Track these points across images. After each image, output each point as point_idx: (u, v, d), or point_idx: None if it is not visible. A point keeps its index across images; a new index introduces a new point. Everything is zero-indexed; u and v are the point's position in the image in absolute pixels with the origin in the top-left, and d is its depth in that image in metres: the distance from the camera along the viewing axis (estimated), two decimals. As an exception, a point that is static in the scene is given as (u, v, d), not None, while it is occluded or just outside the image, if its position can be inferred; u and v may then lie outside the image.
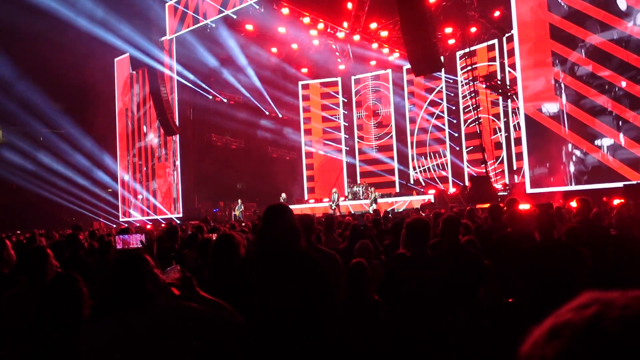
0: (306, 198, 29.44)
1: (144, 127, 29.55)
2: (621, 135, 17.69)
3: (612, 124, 17.90)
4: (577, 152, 18.73)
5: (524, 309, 4.26)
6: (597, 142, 18.23)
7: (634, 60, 17.37)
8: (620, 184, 16.35)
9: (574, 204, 7.45)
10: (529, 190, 19.54)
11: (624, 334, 0.53)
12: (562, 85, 19.11)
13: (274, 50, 26.90)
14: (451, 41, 24.89)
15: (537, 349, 0.59)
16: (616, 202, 11.79)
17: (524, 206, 10.51)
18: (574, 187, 18.25)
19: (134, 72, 28.73)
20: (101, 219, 29.25)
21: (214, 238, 4.43)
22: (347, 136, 30.34)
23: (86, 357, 2.35)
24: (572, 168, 18.83)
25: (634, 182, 16.00)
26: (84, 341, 2.40)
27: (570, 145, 18.90)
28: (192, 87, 26.46)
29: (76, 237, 5.92)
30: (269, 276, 2.94)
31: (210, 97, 27.56)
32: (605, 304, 0.59)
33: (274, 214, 3.08)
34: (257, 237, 3.20)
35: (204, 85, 26.91)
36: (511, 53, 22.25)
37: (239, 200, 24.70)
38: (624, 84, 17.65)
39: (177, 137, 27.06)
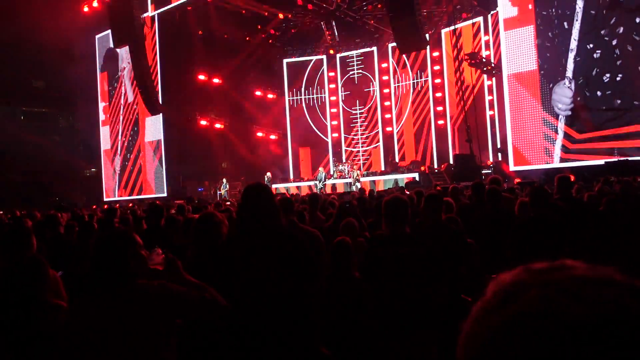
0: (292, 177, 29.41)
1: (127, 105, 29.18)
2: (605, 113, 17.86)
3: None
4: (561, 129, 18.89)
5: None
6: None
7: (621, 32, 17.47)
8: (601, 162, 16.56)
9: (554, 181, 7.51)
10: (512, 167, 19.72)
11: (574, 309, 0.55)
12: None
13: (258, 26, 26.61)
14: (437, 19, 24.78)
15: (497, 352, 0.58)
16: (597, 179, 11.93)
17: (507, 183, 10.62)
18: (557, 165, 18.43)
19: (116, 49, 28.24)
20: (85, 199, 29.00)
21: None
22: (333, 114, 30.21)
23: (64, 336, 2.34)
24: (555, 146, 19.00)
25: (616, 160, 16.21)
26: (61, 319, 2.40)
27: (554, 122, 19.05)
28: (176, 64, 26.08)
29: (56, 217, 5.87)
30: (250, 255, 2.94)
31: (194, 75, 27.21)
32: (538, 285, 0.59)
33: (252, 193, 3.09)
34: (237, 217, 3.21)
35: (187, 63, 26.53)
36: (496, 31, 22.21)
37: (224, 180, 24.62)
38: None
39: (160, 116, 26.78)
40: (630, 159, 16.03)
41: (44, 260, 2.94)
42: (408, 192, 11.60)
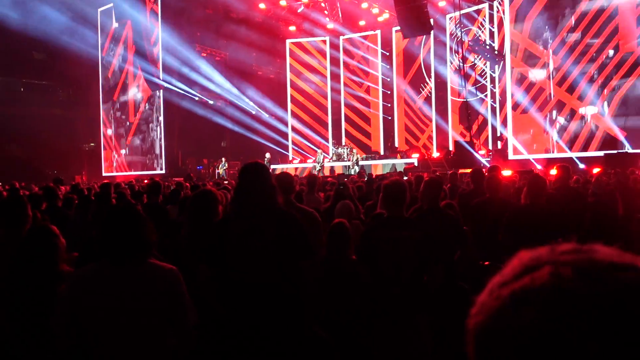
0: (291, 158, 29.38)
1: (127, 80, 29.03)
2: (605, 104, 17.81)
3: (597, 93, 17.98)
4: (561, 120, 18.85)
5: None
6: (581, 110, 18.34)
7: (622, 28, 17.37)
8: (601, 153, 16.55)
9: (554, 171, 7.53)
10: (511, 156, 19.70)
11: (588, 288, 0.57)
12: (550, 51, 19.09)
13: (262, 6, 26.36)
14: (441, 3, 24.54)
15: (502, 320, 0.60)
16: (595, 170, 11.97)
17: (506, 172, 10.63)
18: (556, 155, 18.42)
19: (118, 24, 28.01)
20: (83, 174, 28.98)
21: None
22: (334, 96, 30.06)
23: (68, 303, 2.35)
24: (555, 135, 18.97)
25: (615, 152, 16.20)
26: (72, 283, 2.41)
27: (554, 113, 19.01)
28: (178, 41, 25.86)
29: (53, 189, 5.86)
30: (245, 233, 2.94)
31: (197, 51, 27.02)
32: (553, 263, 0.61)
33: (249, 172, 3.08)
34: (233, 195, 3.20)
35: (190, 39, 26.33)
36: (501, 18, 22.03)
37: (223, 159, 24.57)
38: (611, 52, 17.67)
39: (160, 93, 26.64)
40: (629, 151, 16.03)
41: (55, 229, 2.94)
42: (406, 177, 11.60)
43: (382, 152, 27.37)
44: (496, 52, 21.87)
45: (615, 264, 0.60)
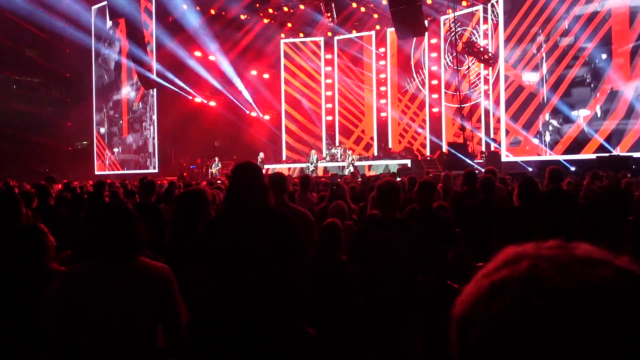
0: (284, 158, 29.34)
1: (121, 79, 28.90)
2: (598, 107, 17.91)
3: (589, 96, 18.09)
4: (554, 122, 18.94)
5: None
6: (574, 113, 18.43)
7: (615, 32, 17.48)
8: (593, 156, 16.64)
9: (546, 173, 7.56)
10: (504, 158, 19.77)
11: (561, 281, 0.60)
12: (544, 54, 19.19)
13: (256, 5, 26.33)
14: (436, 6, 24.62)
15: (480, 308, 0.63)
16: (587, 173, 12.02)
17: (499, 174, 10.66)
18: (548, 157, 18.51)
19: (112, 22, 27.88)
20: (76, 172, 28.82)
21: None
22: (328, 96, 30.05)
23: (59, 301, 2.34)
24: (547, 138, 19.06)
25: (607, 154, 16.29)
26: (65, 281, 2.40)
27: (547, 115, 19.09)
28: (172, 40, 25.77)
29: (45, 187, 5.83)
30: (237, 234, 2.94)
31: (190, 51, 26.92)
32: (533, 257, 0.65)
33: (242, 172, 3.08)
34: (225, 195, 3.20)
35: (183, 38, 26.24)
36: (495, 20, 22.11)
37: (216, 158, 24.51)
38: (604, 56, 17.77)
39: (154, 91, 26.54)
40: (621, 154, 16.12)
41: (44, 228, 2.93)
42: (399, 178, 11.61)
43: (375, 153, 27.38)
44: (490, 55, 21.95)
45: (593, 260, 0.62)
